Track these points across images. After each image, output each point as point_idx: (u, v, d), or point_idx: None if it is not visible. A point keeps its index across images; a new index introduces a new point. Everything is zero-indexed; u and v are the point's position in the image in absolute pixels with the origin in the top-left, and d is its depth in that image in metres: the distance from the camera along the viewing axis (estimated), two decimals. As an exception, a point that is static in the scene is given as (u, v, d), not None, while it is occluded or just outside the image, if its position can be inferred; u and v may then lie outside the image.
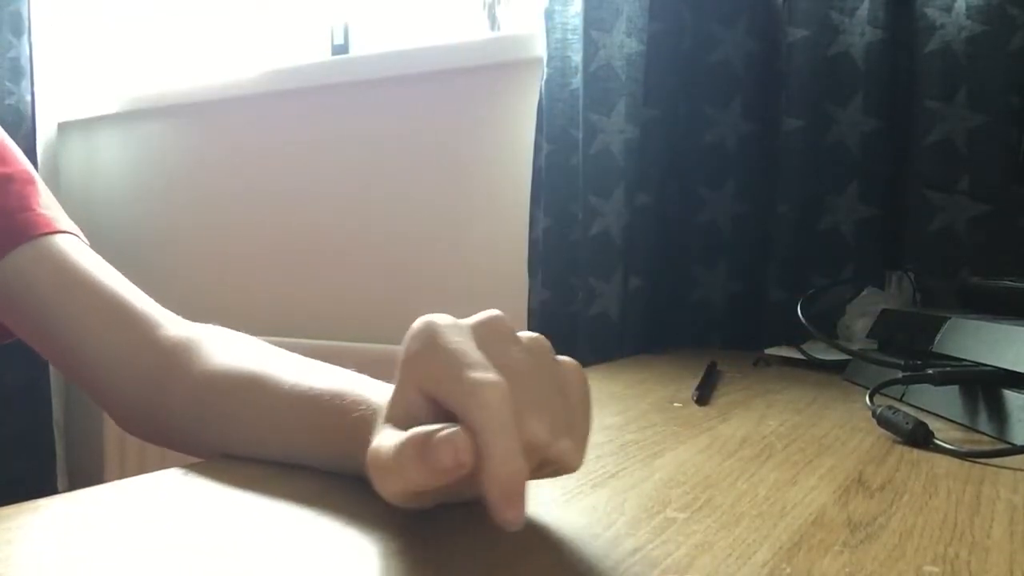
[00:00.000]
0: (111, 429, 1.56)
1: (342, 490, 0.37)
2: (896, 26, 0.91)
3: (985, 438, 0.50)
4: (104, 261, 0.56)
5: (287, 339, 1.33)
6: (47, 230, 0.55)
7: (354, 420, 0.36)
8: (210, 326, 0.53)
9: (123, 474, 1.53)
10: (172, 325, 0.53)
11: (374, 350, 1.30)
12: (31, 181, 0.57)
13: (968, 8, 0.86)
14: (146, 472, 0.40)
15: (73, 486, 1.70)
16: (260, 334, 0.55)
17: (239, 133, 1.54)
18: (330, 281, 1.44)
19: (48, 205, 0.57)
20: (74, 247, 0.55)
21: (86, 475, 1.75)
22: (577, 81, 1.06)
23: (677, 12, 1.00)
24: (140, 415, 0.52)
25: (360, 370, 0.42)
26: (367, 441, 0.32)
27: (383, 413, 0.33)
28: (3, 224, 0.54)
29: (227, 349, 0.49)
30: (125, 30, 1.80)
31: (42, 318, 0.53)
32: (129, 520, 0.33)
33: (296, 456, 0.41)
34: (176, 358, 0.50)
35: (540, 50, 1.10)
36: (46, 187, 0.59)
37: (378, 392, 0.37)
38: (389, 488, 0.29)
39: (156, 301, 0.56)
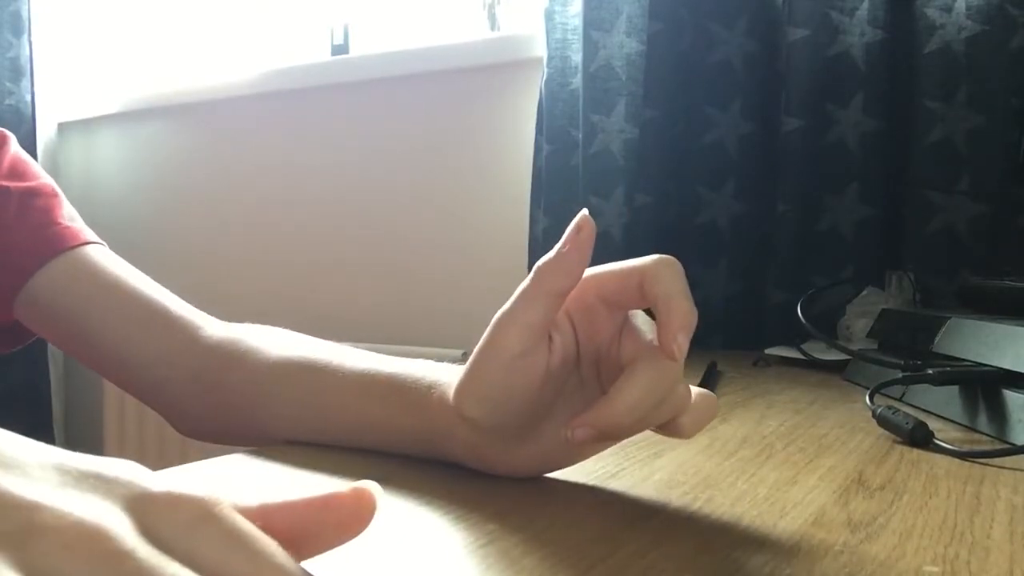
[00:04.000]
0: (111, 429, 1.56)
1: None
2: (896, 26, 0.91)
3: (985, 438, 0.50)
4: (134, 268, 0.57)
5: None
6: (76, 243, 0.55)
7: (437, 398, 0.37)
8: (247, 324, 0.54)
9: (123, 474, 1.53)
10: (211, 325, 0.54)
11: (371, 350, 1.30)
12: (54, 194, 0.58)
13: (968, 8, 0.86)
14: (146, 472, 0.40)
15: (73, 486, 1.70)
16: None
17: (239, 133, 1.54)
18: (330, 281, 1.44)
19: (72, 217, 0.58)
20: (104, 257, 0.56)
21: (86, 475, 1.75)
22: (577, 81, 1.06)
23: (677, 12, 1.00)
24: (195, 415, 0.52)
25: None
26: (450, 420, 0.35)
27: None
28: (33, 239, 0.55)
29: (277, 341, 0.50)
30: (125, 30, 1.80)
31: (83, 330, 0.53)
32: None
33: (366, 434, 0.42)
34: (227, 355, 0.50)
35: (540, 50, 1.10)
36: (66, 199, 0.59)
37: (452, 374, 0.38)
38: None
39: None
